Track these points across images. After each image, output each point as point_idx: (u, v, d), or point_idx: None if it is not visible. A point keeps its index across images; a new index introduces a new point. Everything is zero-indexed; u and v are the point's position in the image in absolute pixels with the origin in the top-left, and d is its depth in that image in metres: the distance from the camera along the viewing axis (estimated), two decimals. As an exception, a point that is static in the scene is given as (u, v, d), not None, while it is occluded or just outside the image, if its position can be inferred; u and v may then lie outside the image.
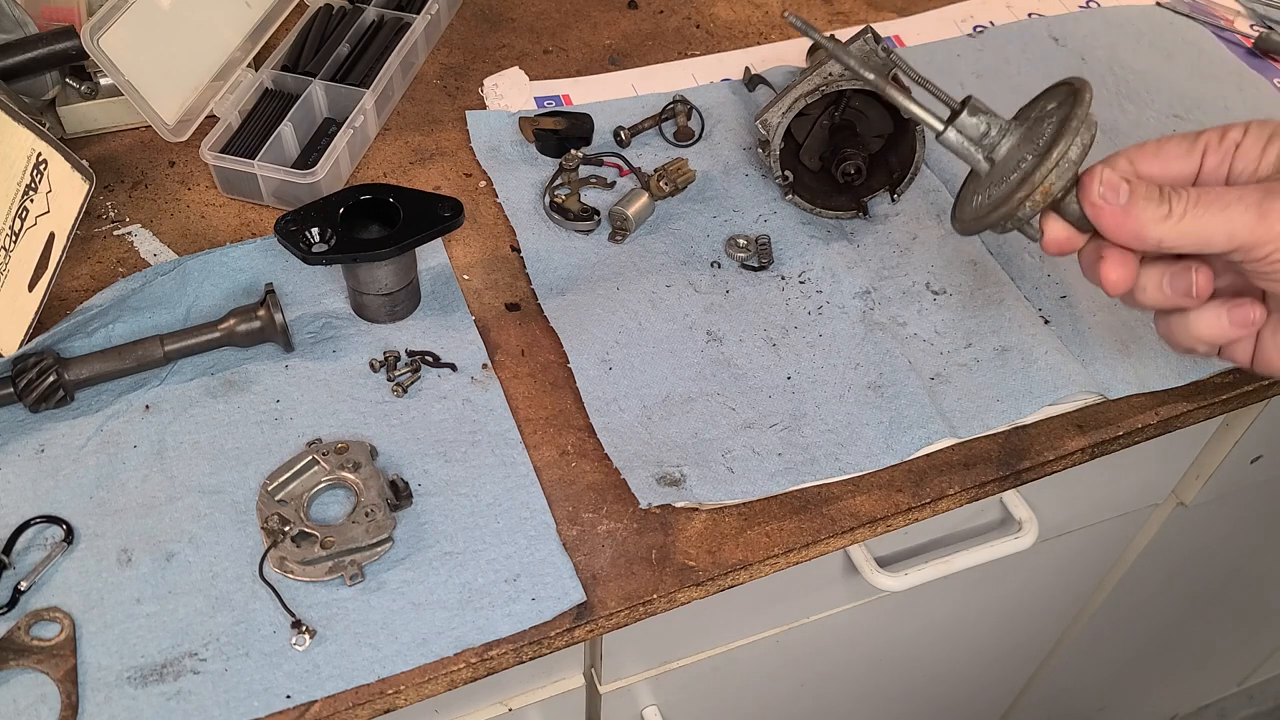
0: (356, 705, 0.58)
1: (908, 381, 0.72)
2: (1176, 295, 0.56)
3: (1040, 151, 0.55)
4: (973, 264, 0.80)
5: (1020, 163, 0.56)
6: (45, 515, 0.64)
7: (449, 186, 0.84)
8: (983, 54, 0.97)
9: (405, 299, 0.74)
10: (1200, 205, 0.52)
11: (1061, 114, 0.56)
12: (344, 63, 0.89)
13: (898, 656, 1.02)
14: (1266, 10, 1.02)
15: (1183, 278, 0.55)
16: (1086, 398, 0.73)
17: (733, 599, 0.71)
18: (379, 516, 0.63)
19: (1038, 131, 0.57)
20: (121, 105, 0.85)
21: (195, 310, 0.74)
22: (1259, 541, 1.20)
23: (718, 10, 1.01)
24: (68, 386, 0.68)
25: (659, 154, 0.86)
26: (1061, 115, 0.56)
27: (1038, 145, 0.56)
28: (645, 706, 0.85)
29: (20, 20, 0.82)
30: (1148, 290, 0.56)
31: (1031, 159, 0.56)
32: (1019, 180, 0.56)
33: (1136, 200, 0.53)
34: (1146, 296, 0.57)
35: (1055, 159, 0.54)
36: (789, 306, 0.77)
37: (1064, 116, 0.55)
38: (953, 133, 0.59)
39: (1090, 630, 1.20)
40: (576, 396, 0.71)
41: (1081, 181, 0.55)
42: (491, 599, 0.62)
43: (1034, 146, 0.56)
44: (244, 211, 0.82)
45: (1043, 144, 0.56)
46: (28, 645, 0.58)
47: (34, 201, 0.71)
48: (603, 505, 0.66)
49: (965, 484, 0.69)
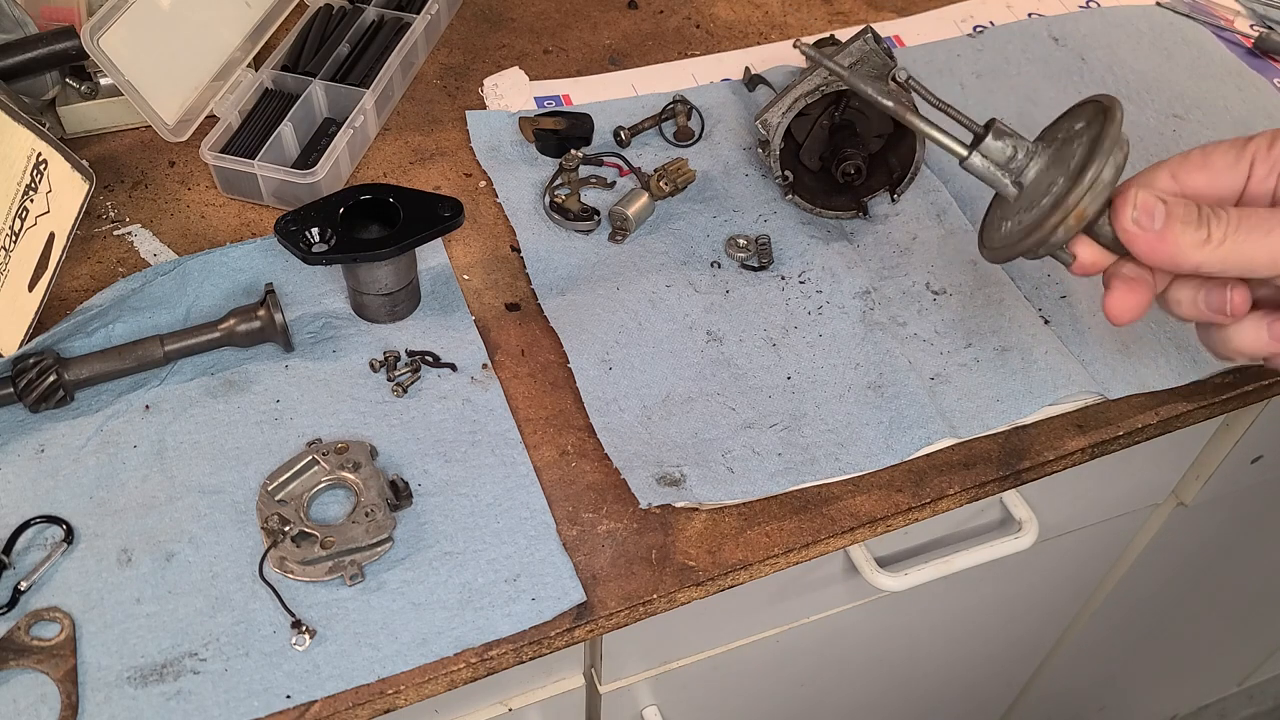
0: (356, 705, 0.58)
1: (908, 381, 0.72)
2: (1211, 311, 0.54)
3: (1072, 174, 0.53)
4: (973, 264, 0.80)
5: (1051, 186, 0.54)
6: (45, 515, 0.64)
7: (449, 186, 0.84)
8: (983, 54, 0.97)
9: (405, 299, 0.74)
10: (1243, 230, 0.49)
11: (1092, 133, 0.53)
12: (344, 63, 0.89)
13: (898, 656, 1.02)
14: (1266, 10, 1.02)
15: (1218, 295, 0.53)
16: (1086, 398, 0.73)
17: (733, 599, 0.71)
18: (379, 516, 0.63)
19: (1067, 153, 0.54)
20: (121, 105, 0.85)
21: (195, 310, 0.74)
22: (1259, 541, 1.20)
23: (718, 10, 1.01)
24: (68, 386, 0.68)
25: (659, 154, 0.86)
26: (1092, 135, 0.53)
27: (1068, 167, 0.53)
28: (645, 706, 0.85)
29: (20, 20, 0.82)
30: (1183, 304, 0.55)
31: (1063, 182, 0.53)
32: (1051, 205, 0.53)
33: (1174, 225, 0.50)
34: (1182, 310, 0.55)
35: (1088, 182, 0.52)
36: (789, 306, 0.77)
37: (1095, 136, 0.53)
38: (977, 158, 0.56)
39: (1090, 630, 1.20)
40: (576, 396, 0.71)
41: (1115, 204, 0.53)
42: (491, 599, 0.62)
43: (1064, 169, 0.54)
44: (244, 211, 0.82)
45: (1074, 166, 0.53)
46: (28, 645, 0.58)
47: (34, 201, 0.71)
48: (603, 505, 0.66)
49: (965, 484, 0.69)
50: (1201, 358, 0.74)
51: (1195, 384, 0.74)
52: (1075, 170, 0.53)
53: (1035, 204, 0.55)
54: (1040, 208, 0.54)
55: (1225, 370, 0.75)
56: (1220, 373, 0.75)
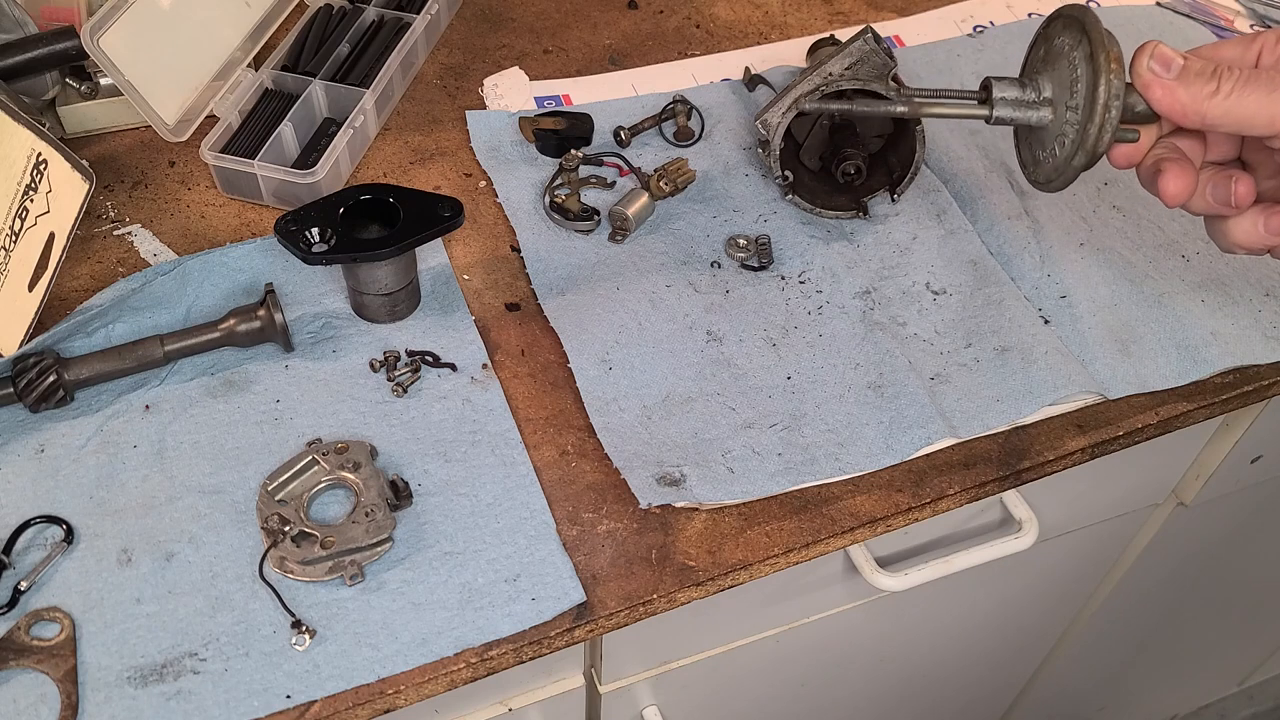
0: (356, 705, 0.58)
1: (908, 381, 0.72)
2: (1217, 203, 0.58)
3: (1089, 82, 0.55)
4: (973, 264, 0.80)
5: (1068, 103, 0.57)
6: (45, 515, 0.64)
7: (449, 186, 0.84)
8: (983, 54, 0.97)
9: (405, 299, 0.74)
10: (1249, 85, 0.53)
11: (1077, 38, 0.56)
12: (344, 63, 0.89)
13: (898, 656, 1.02)
14: (1266, 10, 1.02)
15: (1223, 186, 0.57)
16: (1086, 398, 0.73)
17: (733, 599, 0.71)
18: (379, 516, 0.63)
19: (1065, 68, 0.57)
20: (121, 105, 0.85)
21: (195, 310, 0.74)
22: (1259, 541, 1.20)
23: (718, 10, 1.01)
24: (68, 386, 0.68)
25: (659, 154, 0.86)
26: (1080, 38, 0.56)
27: (1075, 79, 0.56)
28: (645, 706, 0.85)
29: (20, 20, 0.82)
30: (1194, 198, 0.58)
31: (1084, 90, 0.55)
32: (1085, 117, 0.56)
33: (1188, 74, 0.54)
34: (1193, 204, 0.59)
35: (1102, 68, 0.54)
36: (789, 306, 0.77)
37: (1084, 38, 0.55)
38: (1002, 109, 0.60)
39: (1090, 630, 1.20)
40: (576, 396, 0.71)
41: (1133, 61, 0.56)
42: (491, 599, 0.62)
43: (1071, 84, 0.56)
44: (244, 211, 0.82)
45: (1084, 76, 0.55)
46: (28, 645, 0.58)
47: (34, 201, 0.71)
48: (603, 505, 0.66)
49: (965, 484, 0.69)
50: (1201, 357, 0.75)
51: (1195, 384, 0.74)
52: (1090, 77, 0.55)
53: (1064, 123, 0.58)
54: (1074, 123, 0.57)
55: (1225, 370, 0.75)
56: (1220, 372, 0.75)
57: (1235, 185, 0.57)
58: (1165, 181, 0.57)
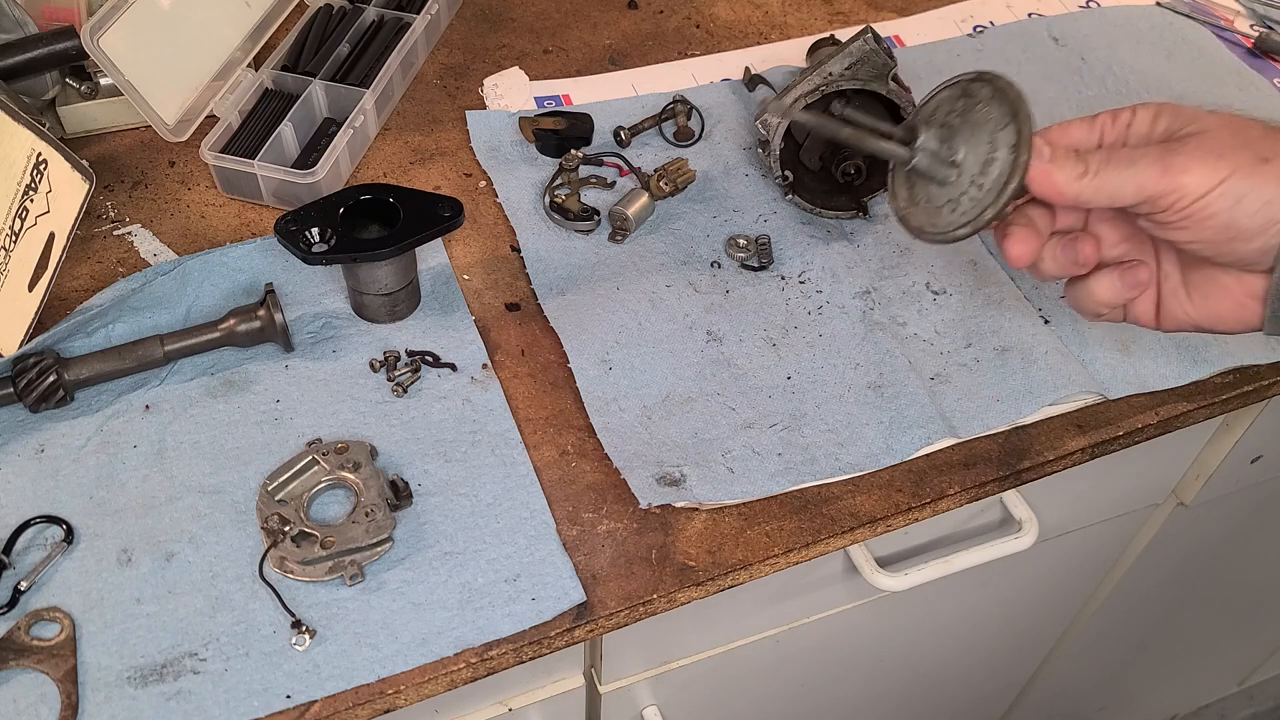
0: (356, 705, 0.58)
1: (908, 381, 0.72)
2: (1068, 263, 0.61)
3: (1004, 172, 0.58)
4: (973, 264, 0.80)
5: (975, 178, 0.59)
6: (45, 515, 0.64)
7: (449, 186, 0.84)
8: (983, 54, 0.97)
9: (405, 299, 0.74)
10: (1112, 163, 0.57)
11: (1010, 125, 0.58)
12: (344, 63, 0.89)
13: (898, 656, 1.02)
14: (1266, 10, 1.02)
15: (1070, 248, 0.61)
16: (1086, 398, 0.73)
17: (733, 599, 0.71)
18: (379, 516, 0.63)
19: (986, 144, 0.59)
20: (121, 105, 0.85)
21: (195, 310, 0.74)
22: (1259, 541, 1.20)
23: (718, 10, 1.01)
24: (68, 386, 0.68)
25: (659, 154, 0.86)
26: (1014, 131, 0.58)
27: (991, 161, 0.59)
28: (645, 706, 0.85)
29: (20, 20, 0.82)
30: (1045, 261, 0.62)
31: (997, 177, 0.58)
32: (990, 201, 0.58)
33: (1057, 158, 0.58)
34: (1045, 266, 0.62)
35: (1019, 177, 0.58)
36: (789, 306, 0.77)
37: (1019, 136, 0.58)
38: (922, 159, 0.61)
39: (1090, 630, 1.20)
40: (576, 396, 0.71)
41: None
42: (491, 599, 0.62)
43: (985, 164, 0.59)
44: (244, 211, 0.82)
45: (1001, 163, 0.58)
46: (28, 645, 0.58)
47: (34, 201, 0.71)
48: (603, 505, 0.66)
49: (965, 484, 0.69)
50: (1202, 357, 0.75)
51: (1195, 384, 0.74)
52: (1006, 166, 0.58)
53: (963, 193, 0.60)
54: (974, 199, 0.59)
55: (1225, 370, 0.75)
56: (1220, 372, 0.75)
57: (1081, 246, 0.61)
58: (1010, 244, 0.61)
